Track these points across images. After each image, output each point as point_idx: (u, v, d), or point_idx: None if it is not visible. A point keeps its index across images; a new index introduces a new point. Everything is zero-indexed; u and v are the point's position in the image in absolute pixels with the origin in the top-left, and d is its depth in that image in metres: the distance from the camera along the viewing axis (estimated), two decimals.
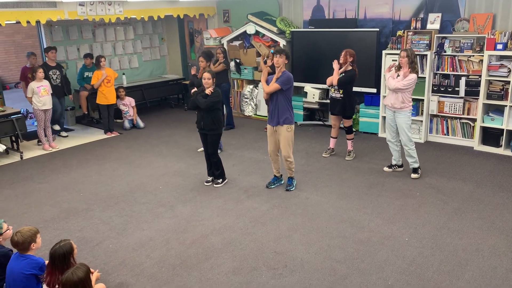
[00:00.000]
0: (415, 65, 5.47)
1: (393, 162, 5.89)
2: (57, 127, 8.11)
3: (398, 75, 5.48)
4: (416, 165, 5.64)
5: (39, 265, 3.26)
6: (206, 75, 5.36)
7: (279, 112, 5.15)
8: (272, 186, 5.53)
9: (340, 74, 6.10)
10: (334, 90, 6.25)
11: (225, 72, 7.85)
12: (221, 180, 5.67)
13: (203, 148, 5.74)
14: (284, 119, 5.16)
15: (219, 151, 6.46)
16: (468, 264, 3.80)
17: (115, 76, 8.18)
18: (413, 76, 5.39)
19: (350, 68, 6.12)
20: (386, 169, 5.92)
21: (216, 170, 5.65)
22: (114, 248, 4.27)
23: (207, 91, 5.33)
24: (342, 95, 6.19)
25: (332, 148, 6.62)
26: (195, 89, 5.51)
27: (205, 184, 5.69)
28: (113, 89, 8.05)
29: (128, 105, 8.56)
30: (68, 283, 2.83)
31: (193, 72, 6.78)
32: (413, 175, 5.64)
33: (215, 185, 5.62)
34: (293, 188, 5.43)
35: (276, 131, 5.26)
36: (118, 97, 8.42)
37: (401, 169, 5.88)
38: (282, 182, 5.63)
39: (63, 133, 8.14)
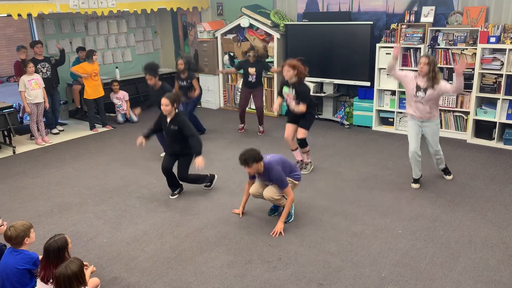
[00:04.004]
0: (437, 74, 4.80)
1: (416, 177, 5.19)
2: (55, 130, 7.88)
3: (419, 86, 4.80)
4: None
5: (32, 259, 3.25)
6: (165, 101, 5.11)
7: None
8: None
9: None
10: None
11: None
12: (209, 183, 5.36)
13: (166, 165, 5.14)
14: None
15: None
16: (460, 256, 3.84)
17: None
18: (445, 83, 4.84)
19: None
20: (414, 185, 5.19)
21: (200, 183, 5.30)
22: (108, 242, 4.26)
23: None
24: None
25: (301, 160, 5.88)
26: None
27: (171, 197, 5.19)
28: (99, 82, 7.94)
29: (122, 99, 8.51)
30: (62, 277, 2.82)
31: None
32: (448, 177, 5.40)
33: (204, 187, 5.36)
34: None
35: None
36: (112, 90, 8.36)
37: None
38: None
39: (59, 127, 8.03)
